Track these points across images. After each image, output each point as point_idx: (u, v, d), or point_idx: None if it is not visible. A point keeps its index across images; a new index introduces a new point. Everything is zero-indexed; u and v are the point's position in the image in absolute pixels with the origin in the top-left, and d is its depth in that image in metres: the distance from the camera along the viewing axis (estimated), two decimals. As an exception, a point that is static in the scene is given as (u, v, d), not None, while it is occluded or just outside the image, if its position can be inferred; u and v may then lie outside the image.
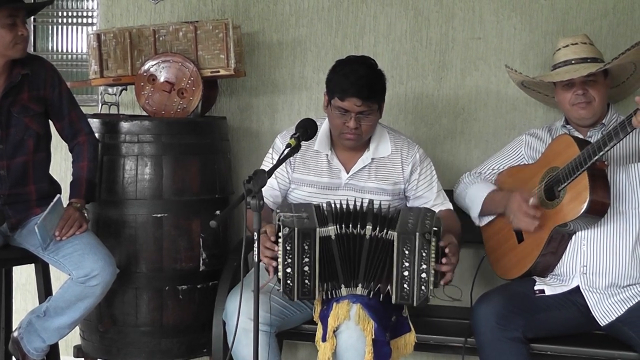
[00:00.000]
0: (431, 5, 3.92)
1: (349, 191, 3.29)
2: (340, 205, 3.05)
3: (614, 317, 3.10)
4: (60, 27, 4.47)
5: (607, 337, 3.16)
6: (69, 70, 4.42)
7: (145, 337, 3.65)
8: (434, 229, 2.92)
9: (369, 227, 2.95)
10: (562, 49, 3.29)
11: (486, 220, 3.43)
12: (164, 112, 3.78)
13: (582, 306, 3.15)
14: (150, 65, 3.78)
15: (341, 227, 2.96)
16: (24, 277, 4.24)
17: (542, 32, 3.82)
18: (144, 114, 3.86)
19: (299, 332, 3.30)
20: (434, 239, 2.91)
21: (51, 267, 3.52)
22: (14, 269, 3.77)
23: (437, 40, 3.93)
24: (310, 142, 3.23)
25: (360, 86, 3.11)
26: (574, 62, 3.23)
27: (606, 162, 3.08)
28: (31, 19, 4.33)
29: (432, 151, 3.81)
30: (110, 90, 3.96)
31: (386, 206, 3.09)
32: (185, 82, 3.75)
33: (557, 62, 3.29)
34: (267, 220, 3.18)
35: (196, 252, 3.66)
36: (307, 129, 3.02)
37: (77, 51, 4.46)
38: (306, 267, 2.93)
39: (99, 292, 3.32)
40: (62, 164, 4.05)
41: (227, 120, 3.99)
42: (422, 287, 2.93)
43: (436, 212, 3.18)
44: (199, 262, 3.67)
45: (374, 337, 2.94)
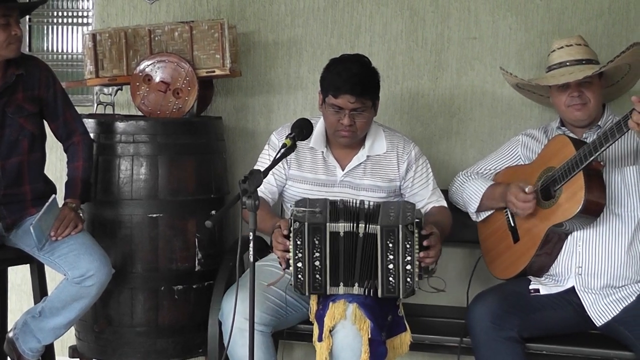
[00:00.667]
0: (427, 5, 3.92)
1: (344, 188, 3.30)
2: (350, 203, 3.06)
3: (610, 317, 3.10)
4: (55, 27, 4.46)
5: (602, 337, 3.16)
6: (65, 70, 4.42)
7: (140, 338, 3.65)
8: (416, 220, 2.93)
9: (361, 225, 2.96)
10: (556, 50, 3.29)
11: (483, 215, 3.43)
12: (159, 112, 3.78)
13: (578, 305, 3.15)
14: (145, 65, 3.78)
15: (348, 225, 2.97)
16: (19, 277, 4.23)
17: (537, 32, 3.83)
18: (140, 114, 3.85)
19: (295, 332, 3.31)
20: (417, 230, 2.93)
21: (46, 268, 3.52)
22: (9, 269, 3.77)
23: (433, 40, 3.93)
24: (306, 140, 3.23)
25: (353, 83, 3.12)
26: (569, 64, 3.23)
27: (602, 163, 3.09)
28: (26, 19, 4.33)
29: (428, 151, 3.81)
30: (105, 90, 3.95)
31: (372, 203, 3.09)
32: (180, 82, 3.75)
33: (552, 63, 3.29)
34: (272, 214, 3.20)
35: (192, 252, 3.66)
36: (302, 129, 3.03)
37: (72, 51, 4.46)
38: (317, 262, 2.96)
39: (94, 293, 3.31)
40: (57, 164, 4.05)
41: (222, 120, 3.99)
42: (408, 279, 2.95)
43: (430, 207, 3.19)
44: (194, 262, 3.67)
45: (370, 336, 2.94)
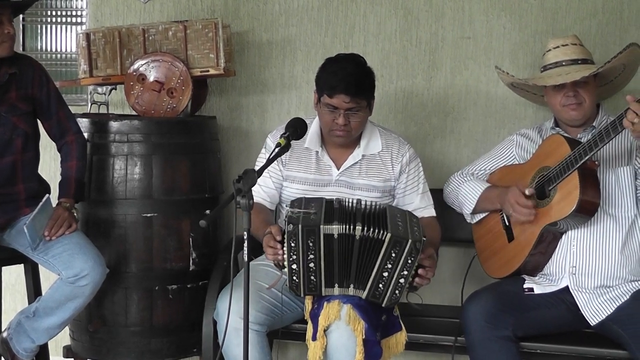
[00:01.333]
0: (421, 4, 3.92)
1: (339, 187, 3.30)
2: (346, 203, 3.06)
3: (604, 316, 3.11)
4: (49, 26, 4.46)
5: (596, 336, 3.17)
6: (58, 69, 4.41)
7: (135, 337, 3.64)
8: (423, 239, 2.93)
9: (358, 227, 2.95)
10: (552, 50, 3.29)
11: (478, 217, 3.44)
12: (153, 111, 3.78)
13: (572, 304, 3.15)
14: (139, 64, 3.77)
15: (342, 226, 2.95)
16: (13, 277, 4.22)
17: (531, 31, 3.83)
18: (134, 113, 3.85)
19: (290, 331, 3.30)
20: (421, 249, 2.93)
21: (40, 267, 3.51)
22: (3, 269, 3.75)
23: (427, 39, 3.94)
24: (301, 140, 3.23)
25: (348, 83, 3.12)
26: (565, 63, 3.24)
27: (597, 162, 3.09)
28: (20, 18, 4.32)
29: (422, 150, 3.81)
30: (99, 89, 3.94)
31: (370, 203, 3.09)
32: (174, 81, 3.74)
33: (548, 63, 3.29)
34: (268, 222, 3.19)
35: (186, 252, 3.66)
36: (297, 129, 3.03)
37: (66, 50, 4.45)
38: (311, 264, 2.95)
39: (88, 292, 3.31)
40: (51, 164, 4.04)
41: (216, 119, 3.98)
42: (396, 291, 2.96)
43: (419, 216, 3.21)
44: (188, 262, 3.66)
45: (364, 337, 2.94)
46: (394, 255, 2.92)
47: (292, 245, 2.93)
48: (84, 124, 3.66)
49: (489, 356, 3.05)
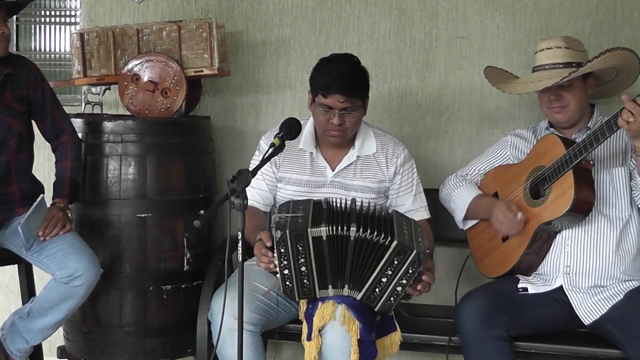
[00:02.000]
0: (415, 4, 3.93)
1: (334, 189, 3.30)
2: (335, 204, 3.05)
3: (598, 316, 3.11)
4: (43, 26, 4.45)
5: (590, 335, 3.17)
6: (52, 69, 4.40)
7: (129, 338, 3.64)
8: (427, 251, 2.93)
9: (353, 228, 2.95)
10: (538, 52, 3.30)
11: (470, 224, 3.45)
12: (147, 111, 3.77)
13: (566, 304, 3.16)
14: (133, 64, 3.77)
15: (331, 227, 2.94)
16: (7, 277, 4.22)
17: (525, 31, 3.84)
18: (128, 113, 3.85)
19: (284, 331, 3.30)
20: (423, 261, 2.93)
21: (34, 268, 3.50)
22: (-3, 269, 3.76)
23: (421, 39, 3.94)
24: (295, 141, 3.23)
25: (342, 83, 3.12)
26: (548, 67, 3.25)
27: (592, 162, 3.09)
28: (14, 18, 4.31)
29: (416, 150, 3.82)
30: (93, 89, 3.94)
31: (372, 205, 3.09)
32: (168, 81, 3.74)
33: (535, 65, 3.31)
34: (261, 226, 3.18)
35: (180, 252, 3.65)
36: (291, 129, 3.02)
37: (60, 50, 4.44)
38: (303, 268, 2.94)
39: (82, 293, 3.31)
40: (45, 164, 4.04)
41: (211, 119, 3.98)
42: (391, 298, 2.96)
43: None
44: (183, 262, 3.66)
45: (359, 337, 2.94)
46: (396, 262, 2.91)
47: (282, 251, 2.92)
48: (77, 124, 3.65)
49: (483, 356, 3.05)
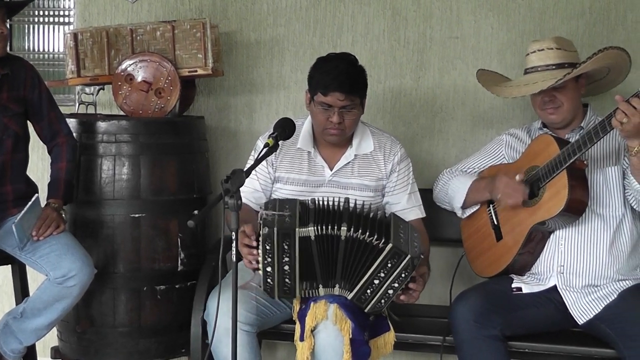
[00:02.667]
0: (409, 4, 3.93)
1: (332, 188, 3.30)
2: (323, 203, 3.05)
3: (592, 315, 3.12)
4: (36, 26, 4.44)
5: (584, 335, 3.18)
6: (46, 69, 4.39)
7: (123, 338, 3.63)
8: (421, 256, 2.94)
9: (343, 227, 2.94)
10: (530, 54, 3.30)
11: (469, 212, 3.44)
12: (141, 111, 3.77)
13: (560, 304, 3.16)
14: (127, 64, 3.77)
15: (320, 227, 2.95)
16: (0, 278, 4.21)
17: (519, 31, 3.84)
18: (122, 113, 3.84)
19: (278, 331, 3.30)
20: (417, 266, 2.93)
21: (28, 268, 3.50)
22: (-9, 270, 3.75)
23: (415, 39, 3.94)
24: (293, 141, 3.24)
25: (342, 81, 3.13)
26: (540, 69, 3.25)
27: (585, 162, 3.10)
28: (7, 18, 4.30)
29: (411, 150, 3.81)
30: (87, 89, 3.94)
31: (368, 205, 3.09)
32: (162, 81, 3.74)
33: (527, 67, 3.31)
34: (247, 221, 3.18)
35: (174, 252, 3.65)
36: (285, 129, 3.03)
37: (54, 50, 4.43)
38: (286, 267, 2.93)
39: (76, 293, 3.30)
40: (38, 165, 4.03)
41: (205, 119, 3.98)
42: (382, 301, 2.96)
43: (407, 219, 3.21)
44: (177, 262, 3.66)
45: (351, 336, 2.94)
46: (389, 265, 2.91)
47: (267, 248, 2.91)
48: (71, 124, 3.65)
49: (478, 355, 3.05)
